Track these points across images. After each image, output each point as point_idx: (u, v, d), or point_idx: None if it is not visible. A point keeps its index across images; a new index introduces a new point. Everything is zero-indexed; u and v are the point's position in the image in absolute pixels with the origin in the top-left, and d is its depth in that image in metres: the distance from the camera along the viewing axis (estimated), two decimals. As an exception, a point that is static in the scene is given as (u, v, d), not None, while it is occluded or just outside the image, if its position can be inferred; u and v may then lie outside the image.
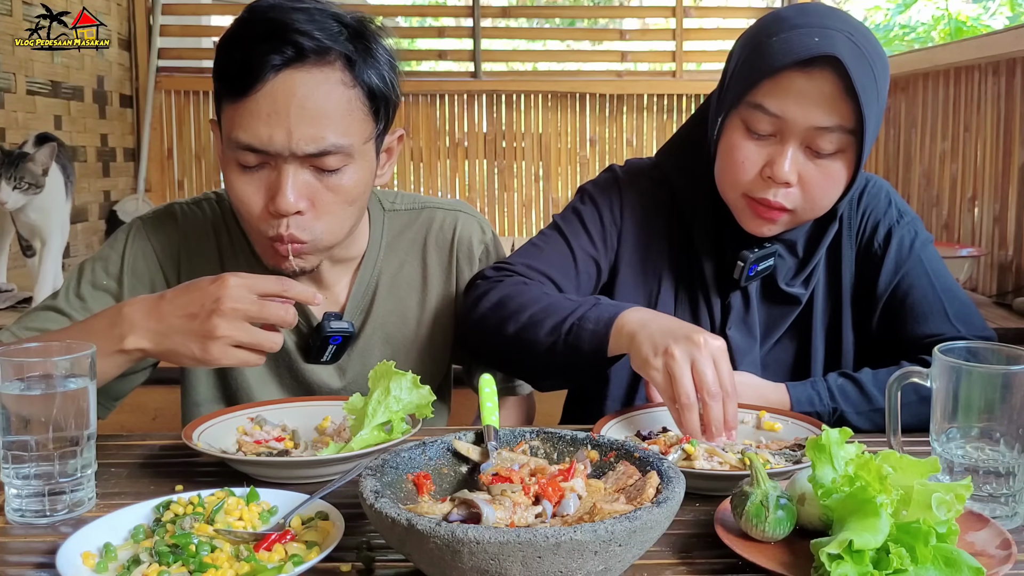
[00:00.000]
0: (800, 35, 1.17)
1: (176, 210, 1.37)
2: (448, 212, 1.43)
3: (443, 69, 4.74)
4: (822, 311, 1.35)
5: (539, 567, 0.70)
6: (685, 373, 1.04)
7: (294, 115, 1.12)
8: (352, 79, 1.16)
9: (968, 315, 1.31)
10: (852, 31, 1.18)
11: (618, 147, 4.75)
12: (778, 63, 1.16)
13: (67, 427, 0.94)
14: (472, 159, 4.77)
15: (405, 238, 1.41)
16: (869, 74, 1.16)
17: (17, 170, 2.50)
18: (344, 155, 1.16)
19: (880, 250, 1.34)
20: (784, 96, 1.17)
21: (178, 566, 0.79)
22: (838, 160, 1.21)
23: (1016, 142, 2.64)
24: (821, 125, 1.17)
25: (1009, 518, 0.92)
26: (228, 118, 1.16)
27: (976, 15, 6.85)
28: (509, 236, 4.91)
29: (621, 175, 1.42)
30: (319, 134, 1.13)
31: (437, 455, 0.92)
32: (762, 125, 1.20)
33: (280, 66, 1.12)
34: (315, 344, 1.30)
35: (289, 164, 1.14)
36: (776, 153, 1.20)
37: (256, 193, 1.17)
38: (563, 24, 6.43)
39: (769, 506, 0.83)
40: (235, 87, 1.13)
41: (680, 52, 4.70)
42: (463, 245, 1.42)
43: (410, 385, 1.08)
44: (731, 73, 1.26)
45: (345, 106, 1.15)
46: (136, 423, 2.27)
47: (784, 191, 1.21)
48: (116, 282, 1.31)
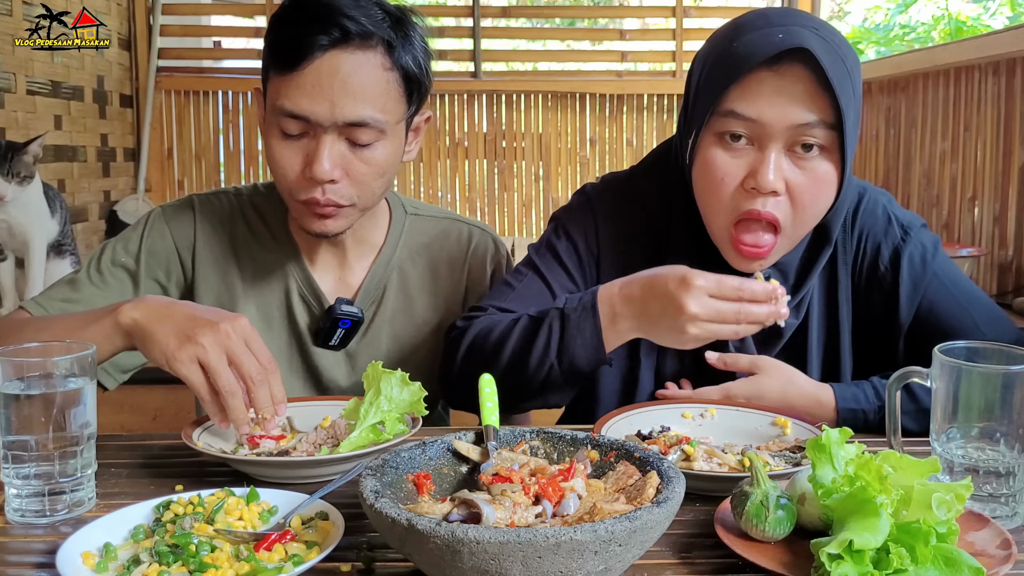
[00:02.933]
0: (764, 35, 1.12)
1: (194, 200, 1.45)
2: (466, 226, 1.51)
3: (443, 69, 4.74)
4: (817, 339, 1.29)
5: (539, 567, 0.70)
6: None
7: (337, 90, 1.21)
8: (391, 63, 1.25)
9: (996, 320, 1.27)
10: (817, 26, 1.14)
11: (618, 147, 4.75)
12: (745, 65, 1.11)
13: (67, 427, 0.94)
14: (472, 159, 4.77)
15: (421, 242, 1.48)
16: (841, 66, 1.11)
17: (13, 164, 2.51)
18: (378, 131, 1.25)
19: (889, 274, 1.27)
20: (756, 97, 1.12)
21: (178, 566, 0.79)
22: (824, 160, 1.15)
23: (1016, 142, 2.64)
24: (800, 122, 1.11)
25: (1009, 518, 0.92)
26: (275, 88, 1.25)
27: (976, 15, 6.84)
28: (509, 236, 4.91)
29: (594, 198, 1.35)
30: (358, 107, 1.22)
31: (437, 455, 0.92)
32: (738, 132, 1.14)
33: (327, 46, 1.21)
34: (324, 326, 1.37)
35: (328, 134, 1.23)
36: (757, 161, 1.14)
37: (295, 159, 1.26)
38: (563, 24, 6.42)
39: (769, 506, 0.83)
40: (284, 61, 1.22)
41: (680, 52, 4.70)
42: (476, 258, 1.48)
43: (399, 383, 1.09)
44: (695, 88, 1.20)
45: (384, 86, 1.25)
46: (136, 423, 2.27)
47: (773, 200, 1.15)
48: (134, 259, 1.38)
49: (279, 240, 1.42)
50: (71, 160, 3.75)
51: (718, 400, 1.22)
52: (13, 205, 2.58)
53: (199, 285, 1.40)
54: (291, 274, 1.41)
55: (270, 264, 1.41)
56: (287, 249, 1.41)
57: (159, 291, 1.39)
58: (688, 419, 1.18)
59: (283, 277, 1.41)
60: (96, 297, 1.33)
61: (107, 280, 1.36)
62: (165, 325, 1.08)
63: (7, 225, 2.65)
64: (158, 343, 1.07)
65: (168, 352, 1.06)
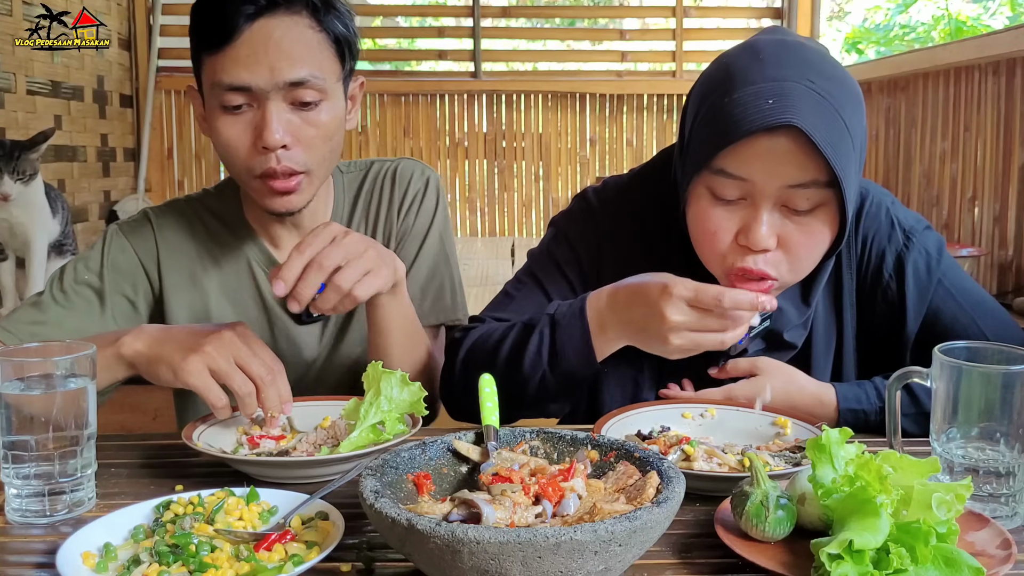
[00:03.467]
0: (754, 96, 1.07)
1: (149, 213, 1.46)
2: (390, 161, 1.53)
3: (443, 69, 4.74)
4: (823, 345, 1.28)
5: (539, 567, 0.70)
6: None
7: (272, 53, 1.23)
8: (318, 24, 1.28)
9: (1003, 326, 1.26)
10: (812, 76, 1.08)
11: (618, 147, 4.75)
12: (734, 133, 1.08)
13: (67, 427, 0.94)
14: (472, 159, 4.77)
15: (351, 195, 1.50)
16: (837, 125, 1.07)
17: (19, 163, 2.52)
18: (319, 90, 1.27)
19: (894, 283, 1.26)
20: (748, 160, 1.09)
21: (178, 566, 0.79)
22: (818, 217, 1.12)
23: (1016, 142, 2.65)
24: (793, 183, 1.09)
25: (1009, 518, 0.92)
26: (210, 68, 1.26)
27: (976, 15, 6.85)
28: (509, 236, 4.91)
29: (596, 204, 1.32)
30: (296, 67, 1.24)
31: (437, 455, 0.92)
32: (728, 191, 1.11)
33: (253, 15, 1.23)
34: None
35: (271, 101, 1.24)
36: (750, 218, 1.11)
37: (243, 133, 1.26)
38: (563, 24, 6.43)
39: (769, 506, 0.83)
40: (215, 39, 1.24)
41: (680, 52, 4.71)
42: (401, 184, 1.49)
43: (399, 383, 1.10)
44: (687, 134, 1.18)
45: (316, 46, 1.27)
46: (136, 423, 2.27)
47: (763, 258, 1.12)
48: (98, 277, 1.38)
49: (238, 233, 1.43)
50: (71, 160, 3.75)
51: (720, 401, 1.22)
52: (15, 205, 2.59)
53: (169, 294, 1.40)
54: (255, 261, 1.42)
55: (234, 257, 1.43)
56: (247, 239, 1.43)
57: (127, 306, 1.39)
58: (688, 419, 1.18)
59: (248, 266, 1.42)
60: (63, 317, 1.33)
61: (72, 300, 1.35)
62: (168, 346, 1.11)
63: (8, 225, 2.65)
64: (164, 361, 1.10)
65: (176, 366, 1.08)
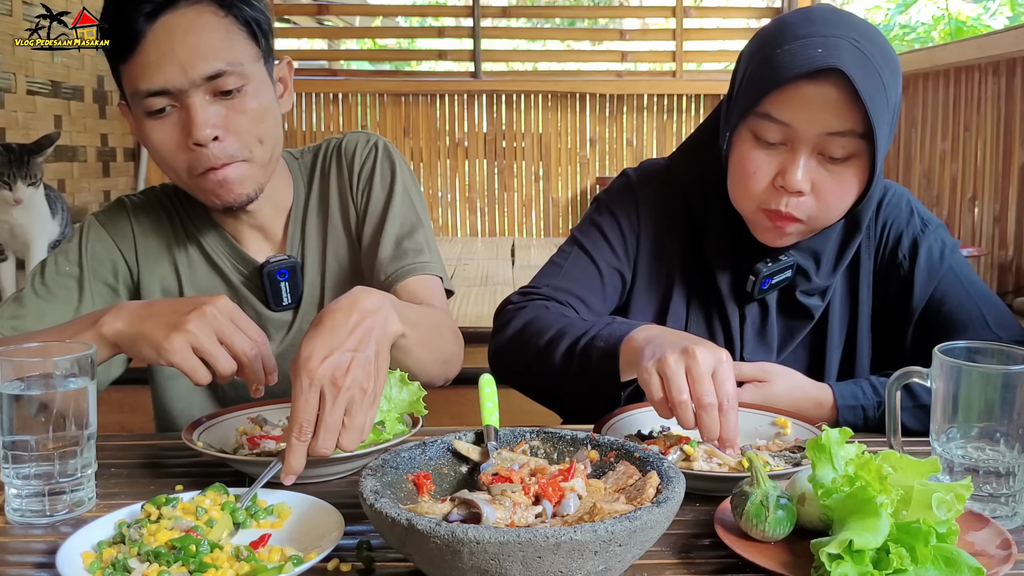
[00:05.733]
0: (804, 46, 1.16)
1: (125, 201, 1.46)
2: (336, 138, 1.52)
3: (443, 69, 4.74)
4: (839, 323, 1.34)
5: (539, 567, 0.70)
6: (677, 374, 0.99)
7: (180, 50, 1.21)
8: (222, 10, 1.26)
9: (1006, 320, 1.30)
10: (858, 36, 1.17)
11: (618, 147, 4.75)
12: (783, 76, 1.16)
13: (67, 427, 0.94)
14: (472, 159, 4.77)
15: (306, 179, 1.49)
16: (876, 80, 1.15)
17: (30, 167, 2.53)
18: (239, 75, 1.25)
19: (906, 262, 1.32)
20: (792, 105, 1.17)
21: (178, 566, 0.79)
22: (851, 166, 1.19)
23: (1016, 142, 2.65)
24: (831, 131, 1.16)
25: (1009, 518, 0.92)
26: (127, 77, 1.25)
27: (976, 15, 6.85)
28: (509, 236, 4.91)
29: (635, 180, 1.41)
30: (208, 60, 1.23)
31: (437, 455, 0.92)
32: (771, 134, 1.19)
33: (152, 13, 1.21)
34: (271, 288, 1.39)
35: (192, 97, 1.23)
36: (788, 162, 1.19)
37: (173, 135, 1.25)
38: (563, 24, 6.43)
39: (769, 506, 0.83)
40: (122, 47, 1.23)
41: (680, 52, 4.71)
42: (347, 157, 1.48)
43: (398, 383, 1.10)
44: (738, 84, 1.26)
45: (224, 32, 1.25)
46: (136, 423, 2.27)
47: (796, 201, 1.20)
48: (78, 267, 1.38)
49: (205, 224, 1.42)
50: (71, 160, 3.75)
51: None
52: (16, 206, 2.59)
53: (144, 276, 1.41)
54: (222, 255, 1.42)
55: (202, 245, 1.43)
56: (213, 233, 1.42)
57: (108, 294, 1.39)
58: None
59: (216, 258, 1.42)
60: (45, 310, 1.33)
61: (54, 292, 1.35)
62: (149, 323, 1.08)
63: (9, 226, 2.65)
64: (147, 339, 1.07)
65: (158, 345, 1.06)
